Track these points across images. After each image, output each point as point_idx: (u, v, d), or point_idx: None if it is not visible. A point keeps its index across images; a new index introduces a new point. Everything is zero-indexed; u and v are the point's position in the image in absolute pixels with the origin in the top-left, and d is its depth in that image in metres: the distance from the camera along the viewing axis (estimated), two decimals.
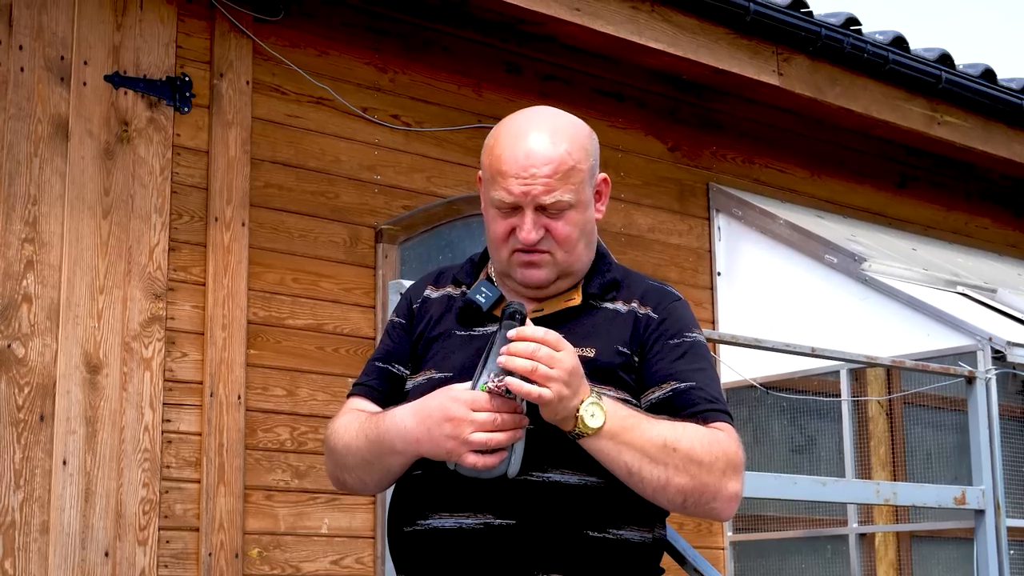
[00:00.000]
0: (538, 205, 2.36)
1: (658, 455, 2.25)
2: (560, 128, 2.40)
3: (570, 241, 2.40)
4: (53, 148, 4.25)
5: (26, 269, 4.14)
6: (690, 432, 2.29)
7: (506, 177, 2.36)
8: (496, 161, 2.39)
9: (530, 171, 2.35)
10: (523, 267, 2.41)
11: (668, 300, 2.47)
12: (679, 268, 5.87)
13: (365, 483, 2.48)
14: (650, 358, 2.39)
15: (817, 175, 6.55)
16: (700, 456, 2.27)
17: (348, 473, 2.47)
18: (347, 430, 2.45)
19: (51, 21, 4.31)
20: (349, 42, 5.02)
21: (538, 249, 2.39)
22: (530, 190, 2.35)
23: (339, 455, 2.46)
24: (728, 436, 2.33)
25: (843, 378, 5.66)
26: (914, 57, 6.21)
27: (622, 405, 2.29)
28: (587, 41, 5.38)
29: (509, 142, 2.39)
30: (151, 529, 4.26)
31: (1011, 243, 7.43)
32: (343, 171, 4.92)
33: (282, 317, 4.68)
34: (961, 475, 5.48)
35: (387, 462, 2.38)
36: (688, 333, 2.43)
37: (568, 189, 2.36)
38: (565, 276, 2.44)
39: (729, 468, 2.30)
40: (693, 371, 2.39)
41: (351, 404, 2.51)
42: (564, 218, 2.38)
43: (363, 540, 4.73)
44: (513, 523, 2.28)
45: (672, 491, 2.28)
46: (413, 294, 2.59)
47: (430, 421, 2.27)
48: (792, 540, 5.86)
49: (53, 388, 4.13)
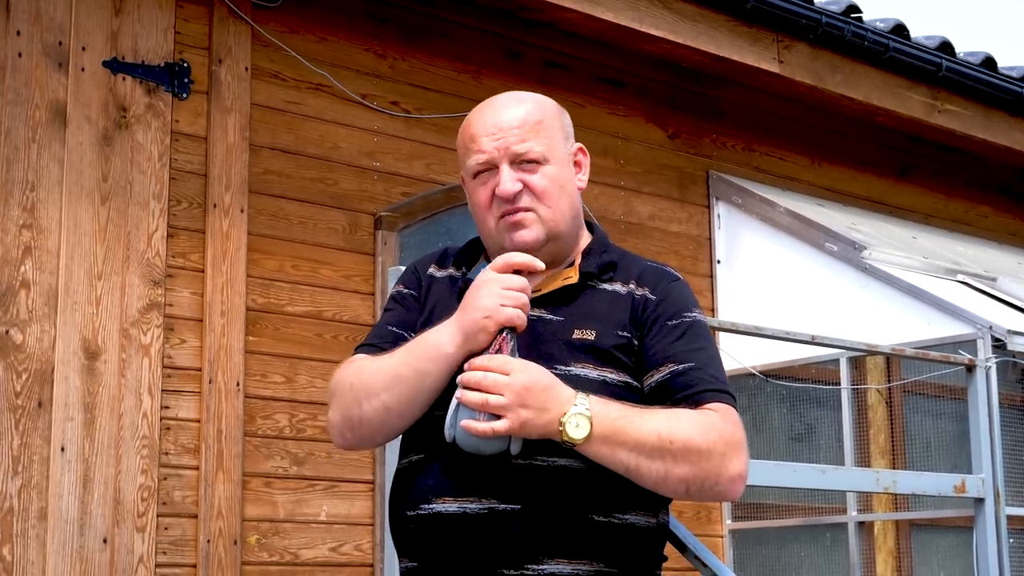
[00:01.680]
0: (512, 157, 2.43)
1: (654, 450, 2.25)
2: (524, 97, 2.53)
3: (549, 195, 2.44)
4: (51, 134, 4.24)
5: (24, 255, 4.13)
6: (685, 421, 2.27)
7: (477, 139, 2.46)
8: (466, 131, 2.50)
9: (500, 127, 2.45)
10: (511, 230, 2.44)
11: (666, 280, 2.47)
12: (679, 256, 5.86)
13: (389, 408, 2.36)
14: (648, 340, 2.39)
15: (817, 163, 6.54)
16: (698, 444, 2.26)
17: (369, 401, 2.37)
18: (368, 361, 2.40)
19: (49, 6, 4.30)
20: (348, 28, 5.00)
21: (521, 207, 2.43)
22: (500, 143, 2.44)
23: (360, 383, 2.38)
24: (725, 417, 2.32)
25: (843, 366, 5.65)
26: (915, 45, 6.20)
27: (613, 404, 2.27)
28: (587, 28, 5.36)
29: (477, 114, 2.51)
30: (149, 516, 4.25)
31: (1011, 231, 7.42)
32: (342, 158, 4.91)
33: (281, 304, 4.67)
34: (960, 463, 5.47)
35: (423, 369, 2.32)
36: (687, 313, 2.42)
37: (539, 141, 2.45)
38: (555, 239, 2.45)
39: (729, 450, 2.29)
40: (691, 351, 2.38)
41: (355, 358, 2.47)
42: (539, 171, 2.44)
43: (362, 527, 4.73)
44: (518, 508, 2.27)
45: (673, 482, 2.28)
46: (420, 268, 2.60)
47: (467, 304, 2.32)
48: (791, 528, 5.86)
49: (51, 374, 4.12)
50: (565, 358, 2.34)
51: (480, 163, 2.46)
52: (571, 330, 2.38)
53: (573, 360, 2.34)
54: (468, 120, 2.52)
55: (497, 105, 2.50)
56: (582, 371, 2.33)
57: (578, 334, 2.37)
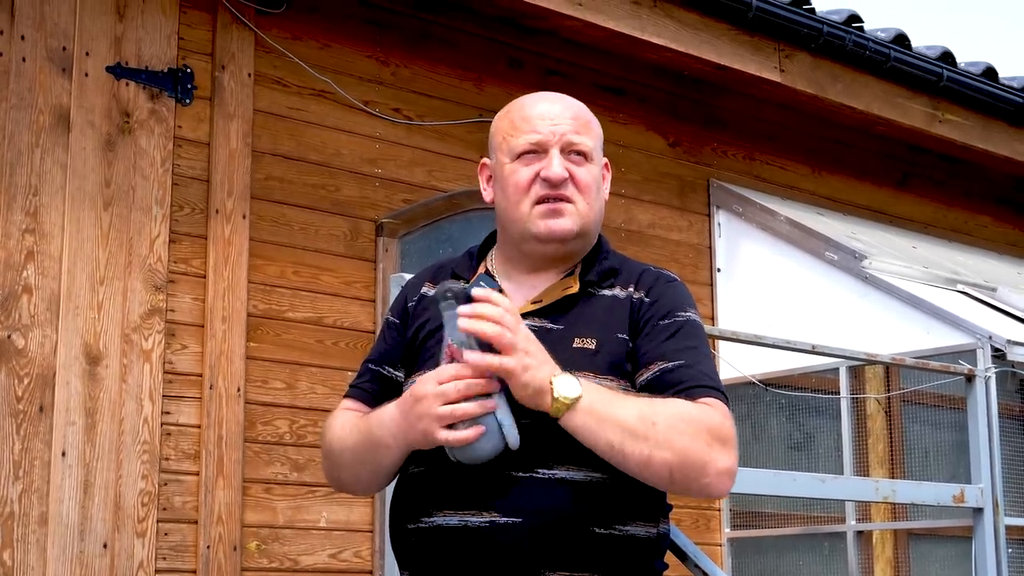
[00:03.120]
0: (564, 145, 2.45)
1: (639, 430, 2.22)
2: (570, 98, 2.55)
3: (590, 191, 2.46)
4: (54, 139, 4.25)
5: (26, 260, 4.14)
6: (672, 406, 2.26)
7: (531, 120, 2.47)
8: (516, 113, 2.50)
9: (555, 114, 2.48)
10: (546, 216, 2.44)
11: (661, 282, 2.47)
12: (679, 264, 5.86)
13: (360, 480, 2.49)
14: (640, 340, 2.39)
15: (818, 172, 6.55)
16: (683, 429, 2.24)
17: (343, 471, 2.50)
18: (341, 428, 2.47)
19: (53, 11, 4.31)
20: (351, 35, 5.01)
21: (562, 195, 2.43)
22: (557, 128, 2.46)
23: (335, 454, 2.49)
24: (715, 409, 2.30)
25: (842, 375, 5.65)
26: (916, 55, 6.21)
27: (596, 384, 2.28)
28: (589, 36, 5.37)
29: (527, 100, 2.53)
30: (150, 521, 4.26)
31: (1011, 242, 7.43)
32: (344, 164, 4.92)
33: (282, 310, 4.68)
34: (959, 473, 5.48)
35: (379, 457, 2.40)
36: (680, 313, 2.42)
37: (590, 137, 2.49)
38: (581, 237, 2.46)
39: (715, 441, 2.26)
40: (682, 350, 2.37)
41: (344, 405, 2.55)
42: (585, 167, 2.47)
43: (361, 534, 4.73)
44: (519, 521, 2.27)
45: (657, 466, 2.24)
46: (410, 292, 2.59)
47: (405, 406, 2.30)
48: (790, 537, 5.86)
49: (53, 379, 4.13)
50: (567, 367, 2.33)
51: (532, 143, 2.45)
52: (572, 339, 2.38)
53: (575, 369, 2.33)
54: (513, 105, 2.53)
55: (550, 96, 2.54)
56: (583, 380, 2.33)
57: (579, 343, 2.37)
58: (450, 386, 2.24)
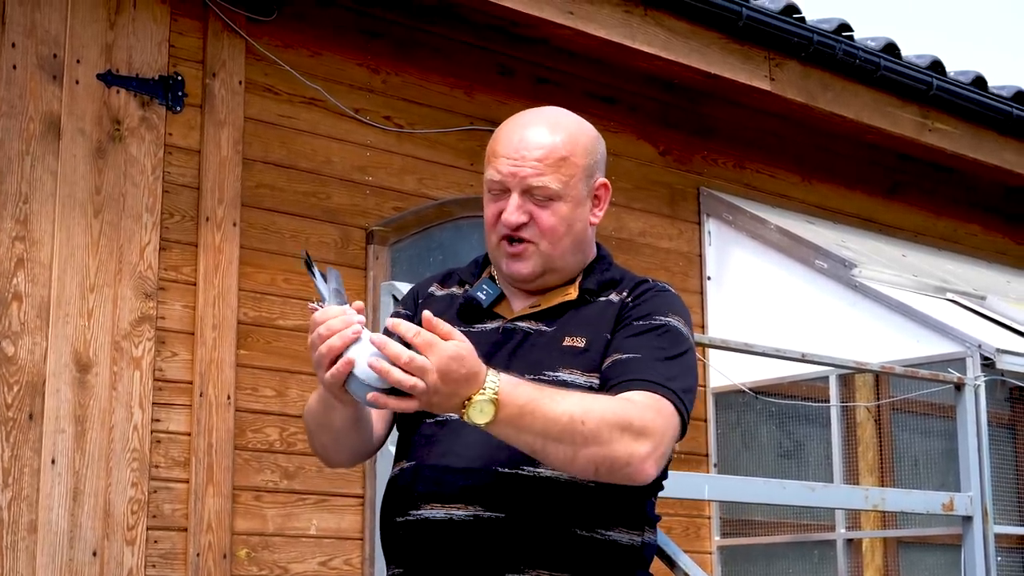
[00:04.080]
0: (524, 188, 2.39)
1: (562, 434, 2.17)
2: (563, 124, 2.46)
3: (554, 233, 2.41)
4: (45, 146, 4.24)
5: (16, 267, 4.13)
6: (600, 404, 2.22)
7: (498, 157, 2.42)
8: (494, 142, 2.45)
9: (521, 153, 2.40)
10: (508, 257, 2.44)
11: (653, 289, 2.47)
12: (669, 272, 5.87)
13: (327, 446, 2.49)
14: (614, 337, 2.38)
15: (808, 180, 6.56)
16: (608, 424, 2.19)
17: (314, 439, 2.52)
18: (312, 399, 2.50)
19: (44, 19, 4.31)
20: (342, 43, 5.02)
21: (522, 237, 2.41)
22: (518, 171, 2.40)
23: (306, 423, 2.53)
24: (645, 403, 2.25)
25: (832, 383, 5.66)
26: (905, 64, 6.23)
27: (528, 386, 2.19)
28: (580, 44, 5.38)
29: (509, 127, 2.46)
30: (139, 529, 4.25)
31: (1000, 250, 7.45)
32: (335, 172, 4.92)
33: (272, 317, 4.68)
34: (948, 482, 5.49)
35: (329, 417, 2.41)
36: (658, 317, 2.40)
37: (557, 178, 2.40)
38: (552, 272, 2.44)
39: (642, 433, 2.21)
40: (642, 346, 2.34)
41: None
42: (551, 208, 2.41)
43: (351, 541, 4.73)
44: (502, 516, 2.28)
45: (580, 464, 2.21)
46: (420, 289, 2.62)
47: None
48: (779, 545, 5.87)
49: (42, 387, 4.12)
50: (554, 364, 2.35)
51: (494, 181, 2.42)
52: (562, 338, 2.39)
53: (562, 365, 2.34)
54: (500, 129, 2.47)
55: (529, 125, 2.44)
56: (570, 376, 2.34)
57: (569, 341, 2.39)
58: (315, 333, 2.32)
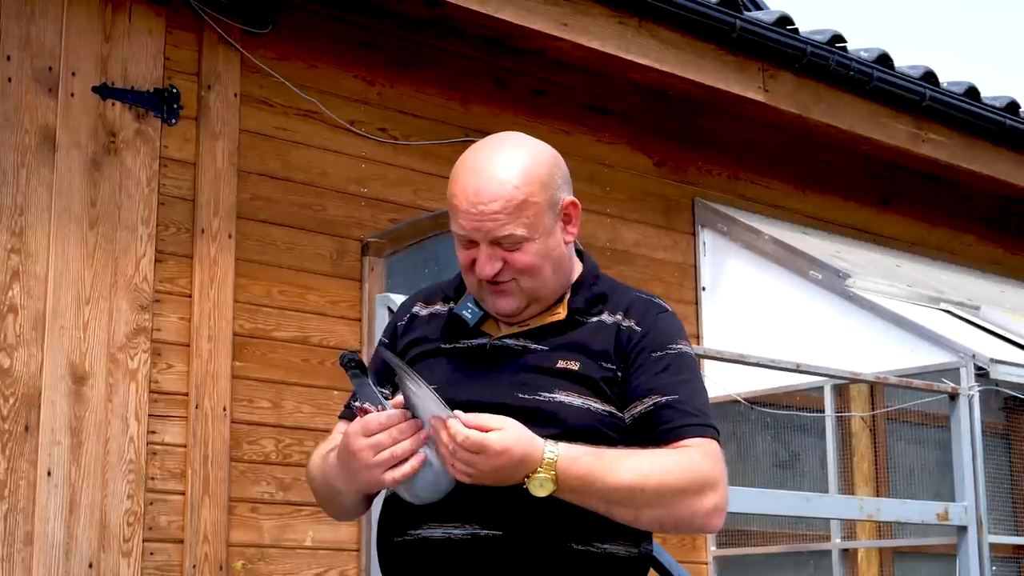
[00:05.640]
0: (491, 240, 2.37)
1: (623, 500, 2.25)
2: (513, 163, 2.39)
3: (532, 270, 2.39)
4: (40, 159, 4.25)
5: (12, 279, 4.14)
6: (660, 464, 2.26)
7: (458, 212, 2.40)
8: (451, 195, 2.43)
9: (479, 208, 2.37)
10: (492, 294, 2.43)
11: (653, 312, 2.45)
12: (664, 283, 5.88)
13: (335, 513, 2.55)
14: (632, 372, 2.38)
15: (802, 191, 6.57)
16: (671, 486, 2.25)
17: (320, 503, 2.56)
18: (316, 466, 2.50)
19: (39, 32, 4.31)
20: (337, 55, 5.03)
21: (501, 281, 2.40)
22: (481, 226, 2.37)
23: (312, 488, 2.55)
24: (703, 454, 2.31)
25: (827, 394, 5.67)
26: (899, 75, 6.24)
27: (585, 455, 2.23)
28: (574, 56, 5.39)
29: (462, 177, 2.42)
30: (135, 541, 4.25)
31: (994, 260, 7.46)
32: (330, 184, 4.93)
33: (268, 329, 4.68)
34: (943, 491, 5.49)
35: (339, 499, 2.45)
36: (672, 345, 2.42)
37: (520, 223, 2.36)
38: (536, 302, 2.43)
39: (705, 488, 2.28)
40: (676, 384, 2.37)
41: (335, 429, 2.55)
42: (522, 249, 2.37)
43: (347, 553, 4.73)
44: (499, 534, 2.29)
45: (645, 522, 2.30)
46: (400, 313, 2.61)
47: (343, 458, 2.32)
48: (775, 555, 5.87)
49: (38, 399, 4.12)
50: (549, 386, 2.34)
51: (461, 234, 2.41)
52: (555, 359, 2.38)
53: (557, 388, 2.34)
54: (455, 172, 2.44)
55: (482, 173, 2.38)
56: (566, 398, 2.33)
57: (562, 363, 2.37)
58: (383, 435, 2.24)
